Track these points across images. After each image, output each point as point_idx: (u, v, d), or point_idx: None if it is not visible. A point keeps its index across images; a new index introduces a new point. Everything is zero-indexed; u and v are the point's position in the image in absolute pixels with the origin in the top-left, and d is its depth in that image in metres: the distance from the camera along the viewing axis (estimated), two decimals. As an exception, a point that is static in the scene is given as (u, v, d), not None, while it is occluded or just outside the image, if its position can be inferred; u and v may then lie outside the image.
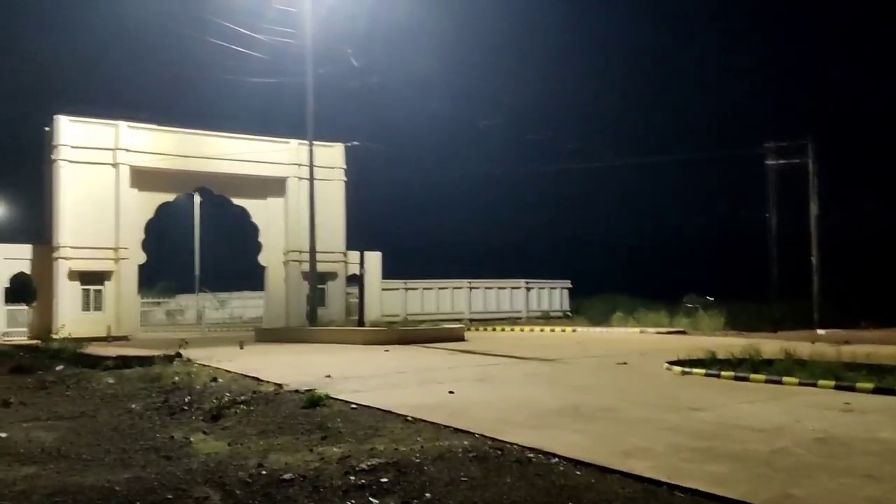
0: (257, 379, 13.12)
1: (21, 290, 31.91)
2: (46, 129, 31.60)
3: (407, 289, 40.93)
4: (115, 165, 31.88)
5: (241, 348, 20.95)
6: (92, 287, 31.41)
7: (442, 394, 10.83)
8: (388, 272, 39.85)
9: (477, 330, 32.41)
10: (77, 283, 31.04)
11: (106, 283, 31.67)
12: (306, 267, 34.30)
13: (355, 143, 32.82)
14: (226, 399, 10.92)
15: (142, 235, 33.12)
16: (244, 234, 37.57)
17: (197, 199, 42.91)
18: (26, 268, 31.08)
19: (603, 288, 44.32)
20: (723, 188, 53.57)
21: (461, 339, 22.83)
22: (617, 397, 10.27)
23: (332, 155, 36.30)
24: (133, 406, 11.36)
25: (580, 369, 14.05)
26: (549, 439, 7.32)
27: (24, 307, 31.55)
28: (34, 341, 29.30)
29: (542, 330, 30.04)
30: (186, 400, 11.38)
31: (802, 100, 60.54)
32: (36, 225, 34.30)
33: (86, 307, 31.22)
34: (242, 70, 31.68)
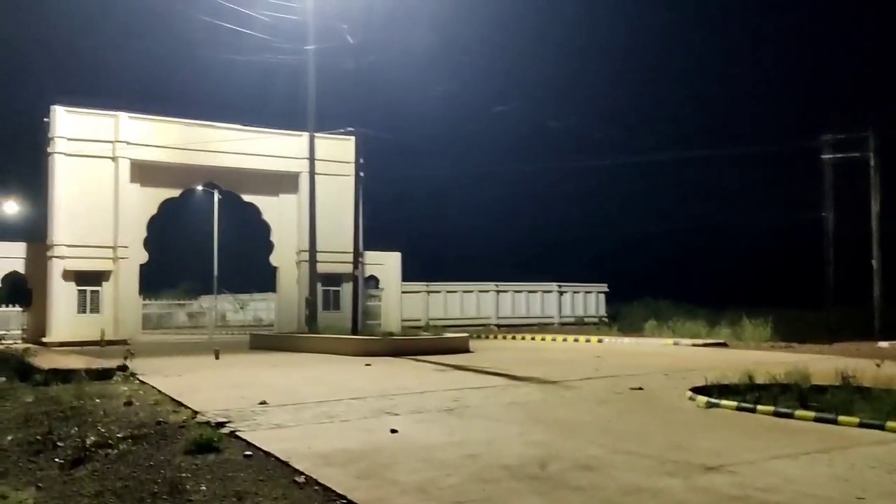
0: (180, 404, 10.75)
1: (15, 290, 30.29)
2: (46, 120, 29.81)
3: (429, 292, 38.45)
4: (114, 159, 30.06)
5: (217, 358, 18.74)
6: (89, 288, 29.60)
7: (382, 432, 8.31)
8: (409, 274, 37.39)
9: (503, 338, 29.85)
10: (73, 284, 29.25)
11: (104, 283, 29.84)
12: (323, 268, 32.19)
13: (365, 130, 30.27)
14: (111, 434, 8.57)
15: (144, 233, 31.28)
16: (257, 233, 35.51)
17: (216, 196, 41.10)
18: (20, 267, 29.41)
19: (644, 293, 41.09)
20: (775, 186, 49.85)
21: (465, 350, 20.28)
22: (609, 445, 7.59)
23: (344, 148, 33.78)
24: (8, 438, 9.07)
25: (580, 398, 11.35)
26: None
27: (17, 309, 29.87)
28: (28, 345, 27.65)
29: (564, 340, 27.22)
30: (71, 433, 9.03)
31: (863, 89, 56.29)
32: (37, 223, 32.67)
33: (82, 309, 29.41)
34: (252, 60, 29.57)
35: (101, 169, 29.82)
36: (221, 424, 8.94)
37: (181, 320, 48.31)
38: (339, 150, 32.66)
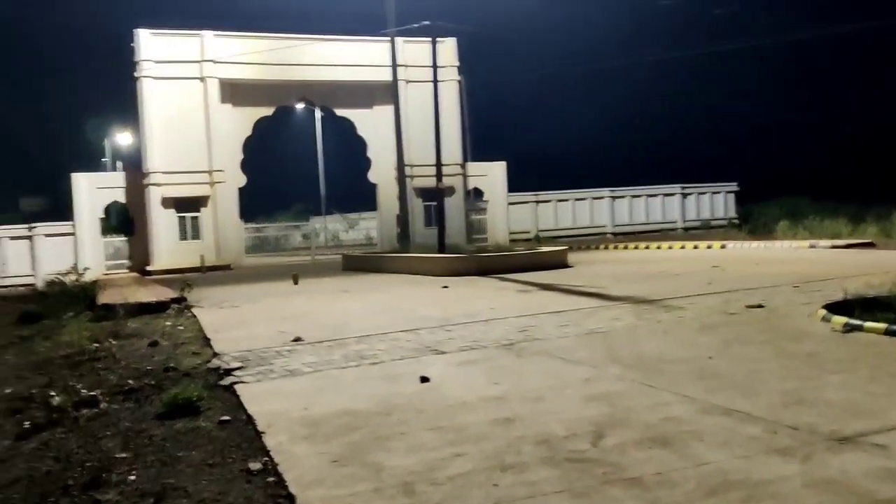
0: (207, 343, 9.41)
1: (118, 220, 30.40)
2: (132, 45, 29.10)
3: (538, 202, 36.16)
4: (202, 79, 29.16)
5: (295, 283, 17.58)
6: (188, 214, 29.26)
7: (410, 381, 6.58)
8: (515, 185, 35.18)
9: (616, 248, 27.47)
10: (172, 211, 28.97)
11: (202, 209, 29.41)
12: (421, 182, 30.70)
13: (463, 27, 27.81)
14: (107, 386, 7.33)
15: (240, 155, 30.53)
16: (356, 149, 34.09)
17: (317, 112, 39.95)
18: (121, 197, 29.28)
19: (780, 192, 37.05)
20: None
21: (562, 264, 18.20)
22: (701, 400, 5.53)
23: (442, 52, 31.27)
24: (6, 391, 7.97)
25: (680, 322, 9.16)
26: None
27: (122, 238, 29.97)
28: (133, 273, 27.76)
29: (682, 247, 24.55)
30: (69, 384, 7.83)
31: None
32: (136, 151, 32.54)
33: (183, 236, 29.17)
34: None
35: (191, 91, 29.01)
36: (229, 372, 7.47)
37: (297, 242, 48.35)
38: (434, 55, 30.44)
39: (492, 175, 34.42)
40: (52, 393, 6.80)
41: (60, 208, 31.70)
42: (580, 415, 5.32)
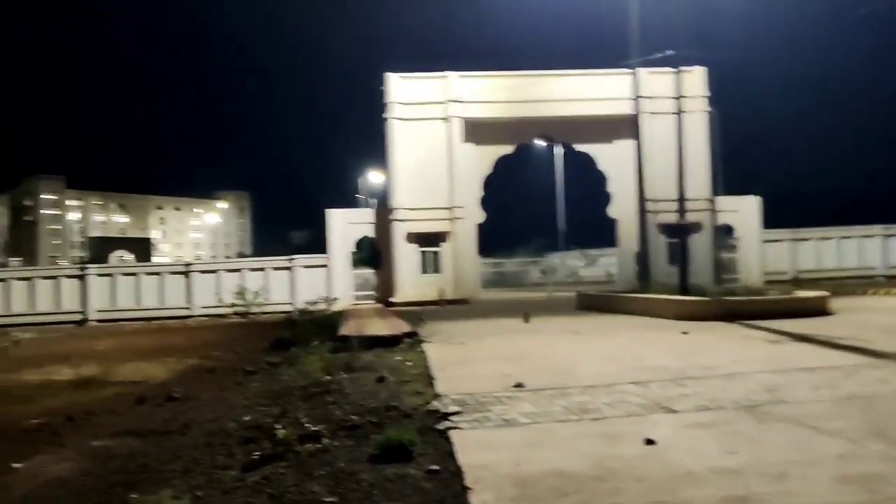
0: (431, 382, 9.36)
1: (367, 253, 32.17)
2: (381, 88, 30.94)
3: (796, 240, 33.26)
4: (446, 119, 30.25)
5: (526, 321, 17.33)
6: (429, 249, 30.31)
7: (633, 443, 5.97)
8: (769, 221, 32.66)
9: (885, 293, 24.49)
10: (415, 246, 30.19)
11: (442, 244, 30.33)
12: (664, 218, 29.50)
13: (708, 55, 26.44)
14: (330, 421, 7.47)
15: (479, 192, 31.21)
16: (596, 185, 33.54)
17: (556, 148, 40.01)
18: (369, 231, 31.01)
19: None
20: None
21: (821, 311, 16.31)
22: None
23: (690, 82, 29.97)
24: (245, 418, 8.42)
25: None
26: None
27: (369, 271, 31.66)
28: (377, 304, 29.19)
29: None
30: (298, 416, 8.10)
31: None
32: (385, 189, 34.36)
33: (424, 270, 30.25)
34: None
35: (435, 131, 30.18)
36: (446, 416, 7.29)
37: (535, 277, 48.57)
38: (680, 85, 29.25)
39: (743, 210, 32.24)
40: (278, 426, 6.97)
41: (321, 241, 34.22)
42: (830, 500, 4.45)
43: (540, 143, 35.46)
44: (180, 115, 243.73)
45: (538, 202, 46.79)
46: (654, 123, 29.97)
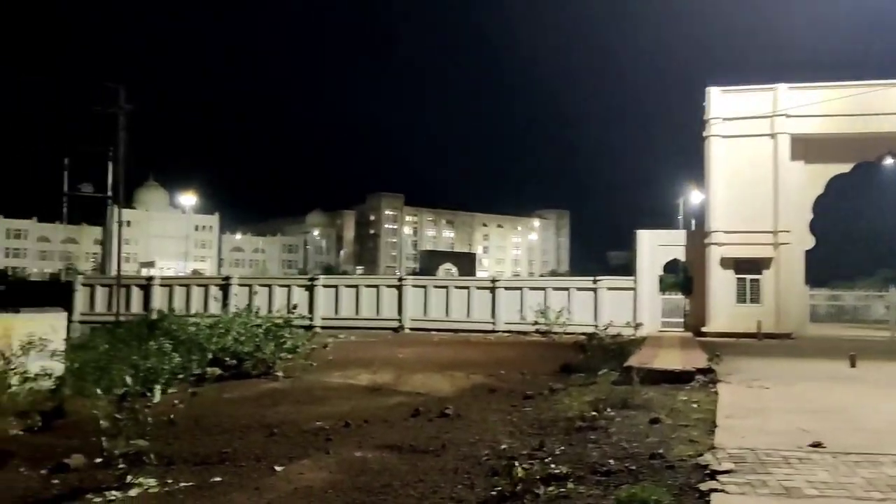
0: (711, 429, 8.18)
1: (679, 278, 30.43)
2: (704, 104, 29.11)
3: None
4: (772, 136, 27.60)
5: (852, 366, 14.91)
6: (748, 276, 27.78)
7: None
8: None
9: None
10: (731, 272, 27.85)
11: (763, 271, 27.61)
12: None
13: None
14: (590, 463, 6.77)
15: (808, 216, 28.11)
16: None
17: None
18: (680, 254, 29.28)
19: None
20: None
21: None
22: None
23: None
24: (502, 446, 8.01)
25: None
26: None
27: (679, 297, 29.87)
28: (687, 334, 27.44)
29: None
30: (555, 451, 7.50)
31: None
32: (697, 210, 32.37)
33: (741, 299, 27.76)
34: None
35: (759, 148, 27.67)
36: (714, 474, 6.20)
37: (881, 313, 42.65)
38: None
39: None
40: (516, 463, 6.40)
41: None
42: None
43: (889, 161, 30.95)
44: (503, 134, 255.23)
45: (885, 228, 41.07)
46: None
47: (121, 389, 13.22)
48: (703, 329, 27.18)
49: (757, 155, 27.63)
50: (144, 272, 61.45)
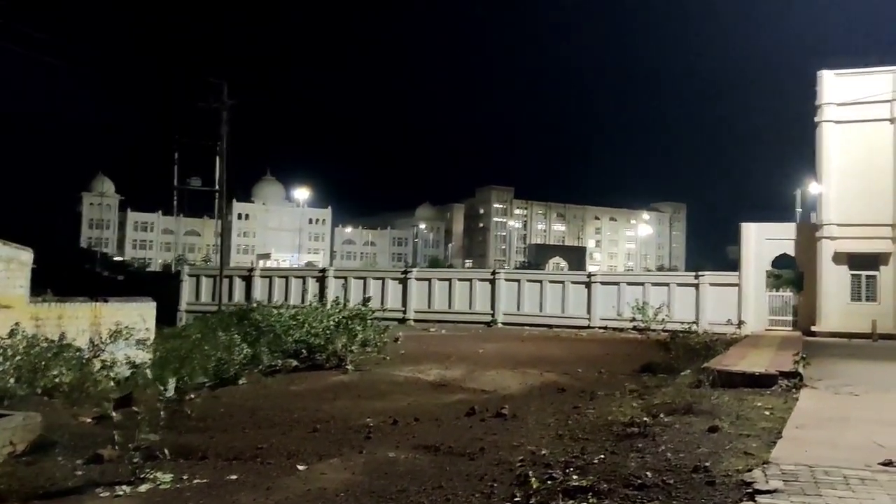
0: (773, 441, 7.44)
1: (790, 274, 28.66)
2: (815, 89, 27.27)
3: None
4: (892, 121, 25.59)
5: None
6: (863, 273, 25.88)
7: None
8: None
9: None
10: (844, 268, 26.02)
11: (881, 267, 25.66)
12: None
13: None
14: (642, 474, 6.24)
15: (936, 209, 25.83)
16: None
17: None
18: (789, 249, 27.56)
19: None
20: None
21: None
22: None
23: None
24: (542, 451, 7.56)
25: None
26: None
27: (788, 294, 28.14)
28: (795, 333, 25.84)
29: None
30: (593, 460, 6.98)
31: None
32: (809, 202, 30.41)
33: (855, 297, 25.91)
34: None
35: (876, 134, 25.71)
36: (759, 493, 5.57)
37: None
38: None
39: None
40: (530, 473, 5.97)
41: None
42: None
43: None
44: (616, 125, 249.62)
45: None
46: None
47: (200, 379, 13.54)
48: (814, 328, 25.53)
49: (874, 141, 25.71)
50: (261, 263, 63.50)
